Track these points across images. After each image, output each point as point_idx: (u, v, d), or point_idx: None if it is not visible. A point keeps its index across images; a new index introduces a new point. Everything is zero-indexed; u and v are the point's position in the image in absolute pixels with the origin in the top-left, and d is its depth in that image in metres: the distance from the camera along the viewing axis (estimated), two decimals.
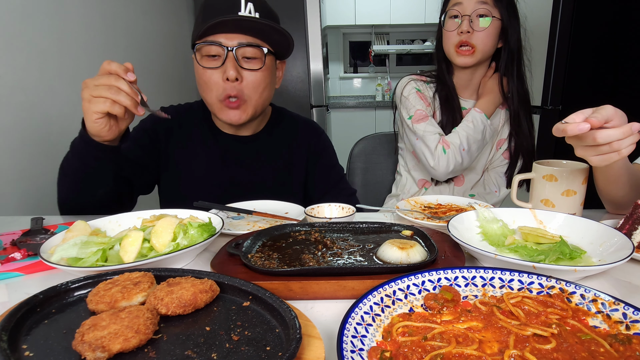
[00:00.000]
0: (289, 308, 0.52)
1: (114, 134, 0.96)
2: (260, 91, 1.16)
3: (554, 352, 0.45)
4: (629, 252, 0.67)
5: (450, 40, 1.38)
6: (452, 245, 0.76)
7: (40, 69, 1.65)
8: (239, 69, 1.11)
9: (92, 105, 0.89)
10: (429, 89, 1.51)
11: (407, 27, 5.62)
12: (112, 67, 0.90)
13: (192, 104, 1.35)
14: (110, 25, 2.17)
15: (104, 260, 0.73)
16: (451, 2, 1.39)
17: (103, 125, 0.92)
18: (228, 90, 1.11)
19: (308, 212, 1.00)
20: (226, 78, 1.10)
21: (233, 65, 1.09)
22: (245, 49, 1.10)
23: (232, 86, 1.11)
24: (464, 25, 1.33)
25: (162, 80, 2.80)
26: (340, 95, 5.91)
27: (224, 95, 1.12)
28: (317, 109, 3.58)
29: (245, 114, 1.17)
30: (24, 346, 0.47)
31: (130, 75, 0.91)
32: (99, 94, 0.88)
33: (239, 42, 1.09)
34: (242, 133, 1.29)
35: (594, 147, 0.79)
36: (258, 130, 1.32)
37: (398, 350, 0.46)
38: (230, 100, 1.13)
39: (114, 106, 0.89)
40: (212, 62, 1.11)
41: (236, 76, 1.09)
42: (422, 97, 1.48)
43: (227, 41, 1.08)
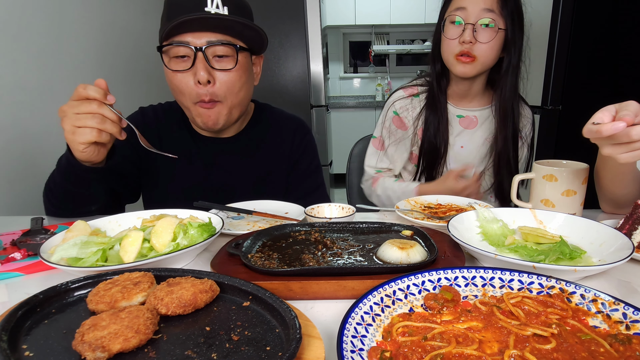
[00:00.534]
0: (289, 308, 0.52)
1: (102, 156, 0.94)
2: (236, 92, 1.09)
3: (554, 352, 0.45)
4: (629, 252, 0.67)
5: (449, 48, 1.29)
6: (452, 245, 0.76)
7: (40, 69, 1.65)
8: (210, 70, 1.03)
9: (76, 136, 0.85)
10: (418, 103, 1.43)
11: (407, 27, 5.62)
12: (90, 93, 0.85)
13: (172, 103, 1.27)
14: (109, 25, 2.17)
15: (104, 260, 0.73)
16: (453, 4, 1.28)
17: (91, 153, 0.90)
18: (201, 95, 1.05)
19: (308, 212, 1.00)
20: (197, 81, 1.03)
21: (203, 66, 1.01)
22: (216, 47, 1.02)
23: (205, 90, 1.04)
24: (467, 35, 1.23)
25: (162, 81, 2.80)
26: (340, 95, 5.91)
27: (197, 100, 1.06)
28: (317, 109, 3.58)
29: (222, 117, 1.10)
30: (24, 346, 0.47)
31: (110, 98, 0.87)
32: (83, 124, 0.84)
33: (207, 40, 1.01)
34: (222, 135, 1.24)
35: (625, 144, 0.76)
36: (239, 131, 1.27)
37: (398, 350, 0.46)
38: (204, 103, 1.06)
39: (100, 135, 0.86)
40: (181, 64, 1.03)
41: (208, 78, 1.02)
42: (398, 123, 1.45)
43: (195, 40, 1.01)
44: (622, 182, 0.98)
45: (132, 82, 2.41)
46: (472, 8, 1.23)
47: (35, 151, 1.60)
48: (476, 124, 1.42)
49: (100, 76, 2.10)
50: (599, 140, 0.80)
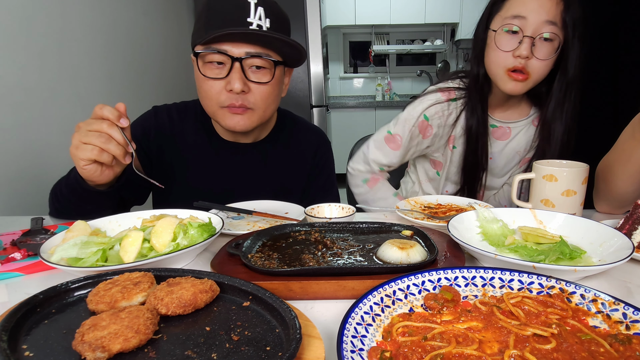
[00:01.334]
0: (289, 308, 0.52)
1: (107, 178, 0.92)
2: (269, 103, 1.09)
3: (554, 352, 0.45)
4: (629, 252, 0.67)
5: (501, 60, 1.13)
6: (452, 245, 0.76)
7: (41, 69, 1.65)
8: (246, 80, 1.03)
9: (78, 152, 0.85)
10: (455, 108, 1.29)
11: (407, 27, 5.62)
12: (105, 113, 0.85)
13: (188, 104, 1.25)
14: (110, 25, 2.17)
15: (104, 260, 0.73)
16: (508, 8, 1.11)
17: (93, 171, 0.88)
18: (232, 100, 1.04)
19: (308, 212, 1.00)
20: (230, 89, 1.02)
21: (239, 77, 1.01)
22: (254, 59, 1.02)
23: (237, 96, 1.04)
24: (524, 49, 1.07)
25: (162, 81, 2.80)
26: (340, 95, 5.91)
27: (227, 104, 1.05)
28: (317, 109, 3.58)
29: (250, 121, 1.09)
30: (24, 346, 0.47)
31: (124, 122, 0.86)
32: (88, 141, 0.84)
33: (246, 52, 1.01)
34: (244, 140, 1.22)
35: None
36: (261, 138, 1.25)
37: (398, 350, 0.46)
38: (234, 108, 1.06)
39: (102, 154, 0.85)
40: (214, 71, 1.03)
41: (242, 89, 1.02)
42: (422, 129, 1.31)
43: (234, 50, 1.00)
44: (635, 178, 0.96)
45: (133, 82, 2.41)
46: (533, 18, 1.07)
47: (35, 151, 1.60)
48: (509, 135, 1.32)
49: (102, 76, 2.11)
50: None
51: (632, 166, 0.97)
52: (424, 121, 1.31)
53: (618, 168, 1.00)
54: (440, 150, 1.38)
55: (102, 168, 0.90)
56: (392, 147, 1.36)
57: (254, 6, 0.99)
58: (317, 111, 3.59)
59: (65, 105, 1.78)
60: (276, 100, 1.13)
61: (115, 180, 0.97)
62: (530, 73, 1.11)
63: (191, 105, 1.25)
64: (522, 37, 1.08)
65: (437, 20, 5.29)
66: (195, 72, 1.07)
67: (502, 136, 1.33)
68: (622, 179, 1.00)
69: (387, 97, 5.59)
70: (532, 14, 1.07)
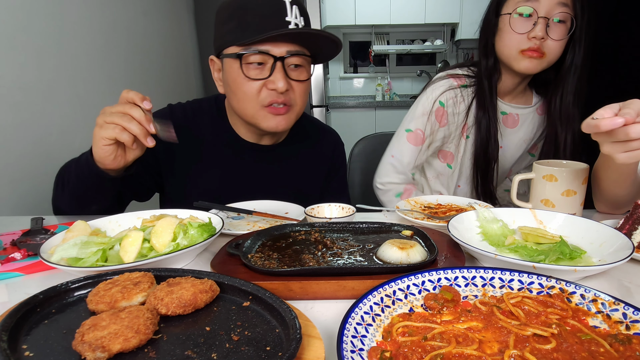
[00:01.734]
0: (289, 308, 0.52)
1: (118, 164, 0.92)
2: (304, 100, 1.11)
3: (554, 352, 0.45)
4: (629, 252, 0.67)
5: (515, 42, 1.15)
6: (452, 245, 0.76)
7: (40, 69, 1.65)
8: (288, 79, 1.04)
9: (102, 130, 0.86)
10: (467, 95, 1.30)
11: (407, 27, 5.62)
12: (130, 95, 0.88)
13: (202, 102, 1.23)
14: (110, 25, 2.17)
15: (104, 260, 0.73)
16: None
17: (109, 153, 0.89)
18: (274, 98, 1.04)
19: (308, 212, 1.00)
20: (274, 89, 1.03)
21: (282, 76, 1.02)
22: (293, 57, 1.03)
23: (279, 95, 1.04)
24: (539, 30, 1.11)
25: (162, 81, 2.80)
26: (340, 95, 5.91)
27: (269, 101, 1.05)
28: (317, 109, 3.58)
29: (290, 120, 1.10)
30: (24, 346, 0.47)
31: (147, 104, 0.88)
32: (111, 120, 0.86)
33: (287, 50, 1.02)
34: (263, 142, 1.21)
35: (623, 143, 0.75)
36: (281, 139, 1.24)
37: (398, 350, 0.46)
38: (275, 107, 1.06)
39: (122, 133, 0.86)
40: (256, 72, 1.02)
41: (287, 87, 1.03)
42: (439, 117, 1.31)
43: (275, 49, 1.01)
44: (624, 183, 0.98)
45: (133, 83, 2.41)
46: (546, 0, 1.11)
47: (35, 151, 1.60)
48: (517, 123, 1.35)
49: (101, 76, 2.11)
50: (599, 137, 0.79)
51: (611, 172, 0.98)
52: (440, 107, 1.30)
53: (602, 173, 1.01)
54: (455, 141, 1.36)
55: (117, 151, 0.91)
56: (416, 143, 1.34)
57: (289, 5, 1.00)
58: (317, 111, 3.59)
59: (65, 105, 1.78)
60: (307, 96, 1.14)
61: (124, 169, 0.98)
62: (546, 53, 1.14)
63: (206, 104, 1.23)
64: (537, 18, 1.11)
65: (437, 20, 5.29)
66: (230, 74, 1.05)
67: (512, 124, 1.35)
68: (607, 183, 1.01)
69: (387, 97, 5.59)
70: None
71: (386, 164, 1.39)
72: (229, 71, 1.05)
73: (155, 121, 0.89)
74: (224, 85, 1.11)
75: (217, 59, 1.10)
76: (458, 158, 1.38)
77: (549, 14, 1.12)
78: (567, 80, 1.21)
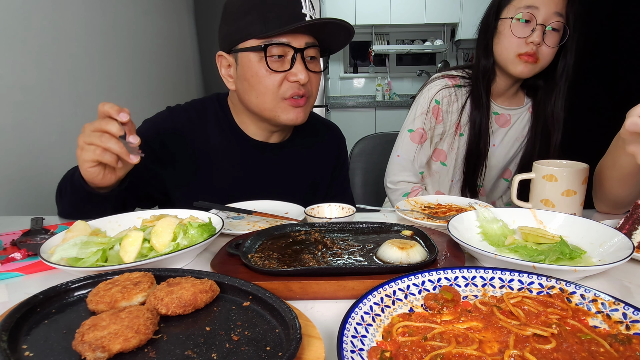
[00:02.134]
0: (289, 308, 0.52)
1: (109, 182, 0.91)
2: (317, 91, 1.13)
3: (554, 352, 0.45)
4: (629, 252, 0.67)
5: (513, 46, 1.22)
6: (452, 245, 0.76)
7: (40, 69, 1.65)
8: (307, 71, 1.04)
9: (83, 153, 0.84)
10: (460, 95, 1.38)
11: (407, 27, 5.62)
12: (105, 109, 0.84)
13: (204, 102, 1.21)
14: (110, 25, 2.17)
15: (104, 260, 0.73)
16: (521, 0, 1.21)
17: (96, 174, 0.87)
18: (295, 90, 1.05)
19: (308, 212, 1.00)
20: (295, 80, 1.04)
21: (303, 68, 1.03)
22: (309, 49, 1.05)
23: (299, 86, 1.05)
24: (536, 36, 1.18)
25: (162, 81, 2.80)
26: (340, 95, 5.91)
27: (290, 94, 1.05)
28: (317, 109, 3.58)
29: (307, 112, 1.12)
30: (24, 346, 0.47)
31: (123, 116, 0.83)
32: (90, 141, 0.83)
33: (306, 42, 1.03)
34: (272, 139, 1.20)
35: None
36: (287, 137, 1.24)
37: (398, 350, 0.46)
38: (296, 99, 1.06)
39: (104, 154, 0.83)
40: (278, 64, 1.03)
41: (308, 78, 1.04)
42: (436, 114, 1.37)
43: (294, 41, 1.02)
44: (628, 183, 0.98)
45: (133, 82, 2.41)
46: (545, 9, 1.18)
47: (35, 151, 1.60)
48: (509, 122, 1.42)
49: (101, 76, 2.11)
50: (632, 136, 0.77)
51: (617, 171, 0.98)
52: (436, 105, 1.38)
53: (606, 172, 1.01)
54: (448, 139, 1.42)
55: (105, 171, 0.88)
56: (420, 141, 1.40)
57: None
58: (317, 111, 3.57)
59: (65, 105, 1.78)
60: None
61: (118, 184, 0.96)
62: (539, 58, 1.22)
63: (209, 103, 1.21)
64: (535, 25, 1.19)
65: (437, 20, 5.29)
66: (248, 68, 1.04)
67: (504, 123, 1.42)
68: (611, 182, 1.01)
69: (387, 97, 5.59)
70: (543, 5, 1.18)
71: (394, 163, 1.43)
72: (247, 65, 1.04)
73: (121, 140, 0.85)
74: (239, 80, 1.08)
75: (227, 54, 1.09)
76: (452, 155, 1.43)
77: (546, 22, 1.19)
78: (558, 86, 1.30)
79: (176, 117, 1.17)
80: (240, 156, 1.18)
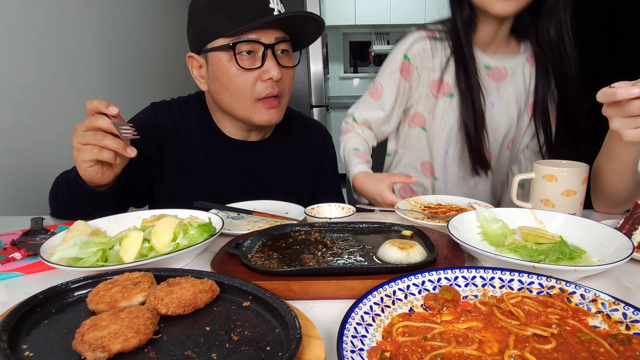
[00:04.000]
0: (289, 308, 0.52)
1: (108, 179, 0.91)
2: (290, 89, 1.10)
3: (554, 352, 0.45)
4: (629, 252, 0.67)
5: None
6: (452, 245, 0.76)
7: (40, 69, 1.65)
8: (280, 67, 1.02)
9: (80, 154, 0.84)
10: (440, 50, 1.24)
11: (407, 27, 5.61)
12: (94, 105, 0.84)
13: (187, 99, 1.21)
14: (109, 25, 2.17)
15: (104, 260, 0.73)
16: None
17: (95, 173, 0.88)
18: (270, 89, 1.02)
19: (308, 212, 1.00)
20: (268, 78, 1.01)
21: (275, 64, 1.00)
22: (280, 44, 1.02)
23: (273, 84, 1.02)
24: None
25: (162, 80, 2.80)
26: (340, 95, 5.91)
27: (265, 94, 1.03)
28: (317, 109, 3.59)
29: (282, 111, 1.09)
30: (24, 346, 0.47)
31: (112, 109, 0.84)
32: (85, 141, 0.83)
33: (276, 37, 1.00)
34: (251, 138, 1.19)
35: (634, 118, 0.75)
36: (267, 135, 1.23)
37: (398, 350, 0.46)
38: (270, 100, 1.04)
39: (102, 152, 0.84)
40: (249, 62, 1.00)
41: (280, 75, 1.01)
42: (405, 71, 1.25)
43: (263, 37, 0.99)
44: (623, 175, 0.96)
45: (133, 82, 2.41)
46: None
47: (35, 151, 1.60)
48: (505, 76, 1.26)
49: (101, 76, 2.11)
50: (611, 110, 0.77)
51: (613, 163, 0.96)
52: (405, 61, 1.25)
53: (603, 165, 1.00)
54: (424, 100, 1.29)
55: (103, 169, 0.89)
56: (374, 97, 1.32)
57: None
58: (317, 111, 3.59)
59: (65, 105, 1.78)
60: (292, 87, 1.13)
61: (115, 180, 0.97)
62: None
63: (191, 100, 1.21)
64: None
65: None
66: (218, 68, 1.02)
67: (499, 77, 1.26)
68: (607, 175, 1.00)
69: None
70: None
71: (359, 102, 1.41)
72: (217, 65, 1.02)
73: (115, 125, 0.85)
74: (210, 81, 1.07)
75: (197, 55, 1.07)
76: (435, 120, 1.29)
77: None
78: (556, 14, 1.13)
79: (159, 114, 1.18)
80: (219, 154, 1.18)
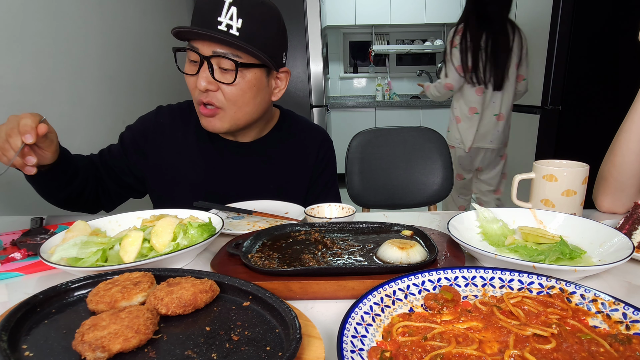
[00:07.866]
0: (289, 308, 0.52)
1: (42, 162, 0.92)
2: (240, 105, 1.06)
3: (554, 352, 0.45)
4: (629, 252, 0.67)
5: None
6: (452, 245, 0.76)
7: (39, 69, 1.65)
8: (212, 79, 1.02)
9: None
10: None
11: (407, 27, 5.62)
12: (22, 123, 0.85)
13: (182, 104, 1.26)
14: (109, 24, 2.17)
15: (104, 260, 0.73)
16: None
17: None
18: (201, 97, 1.04)
19: (308, 212, 1.00)
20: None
21: (205, 76, 1.01)
22: (221, 59, 1.00)
23: (205, 94, 1.03)
24: None
25: (162, 80, 2.79)
26: (340, 95, 5.91)
27: (197, 101, 1.06)
28: (317, 109, 3.58)
29: (222, 123, 1.08)
30: (24, 346, 0.47)
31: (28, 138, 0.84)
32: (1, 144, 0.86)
33: (213, 51, 1.00)
34: (241, 139, 1.21)
35: None
36: (260, 136, 1.24)
37: (398, 350, 0.46)
38: (204, 107, 1.05)
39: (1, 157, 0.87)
40: (190, 68, 1.05)
41: (207, 87, 1.01)
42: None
43: (204, 48, 1.00)
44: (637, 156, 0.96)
45: (133, 82, 2.40)
46: None
47: None
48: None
49: (101, 76, 2.10)
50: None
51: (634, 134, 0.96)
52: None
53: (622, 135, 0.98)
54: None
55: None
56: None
57: (227, 5, 0.97)
58: (317, 111, 3.59)
59: (65, 105, 1.78)
60: (251, 103, 1.08)
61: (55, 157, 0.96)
62: None
63: (184, 104, 1.26)
64: None
65: (437, 20, 5.29)
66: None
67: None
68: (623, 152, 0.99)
69: (387, 97, 5.59)
70: None
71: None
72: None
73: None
74: None
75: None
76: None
77: None
78: None
79: (160, 115, 1.24)
80: (214, 155, 1.21)
